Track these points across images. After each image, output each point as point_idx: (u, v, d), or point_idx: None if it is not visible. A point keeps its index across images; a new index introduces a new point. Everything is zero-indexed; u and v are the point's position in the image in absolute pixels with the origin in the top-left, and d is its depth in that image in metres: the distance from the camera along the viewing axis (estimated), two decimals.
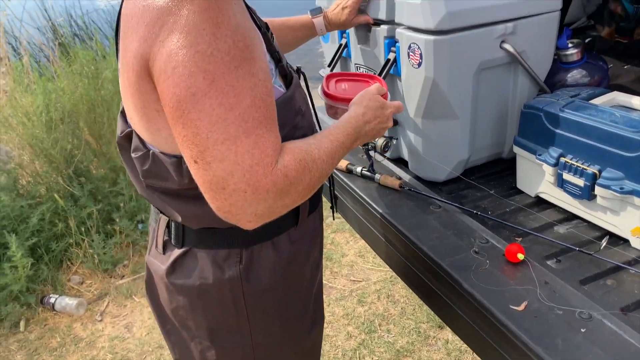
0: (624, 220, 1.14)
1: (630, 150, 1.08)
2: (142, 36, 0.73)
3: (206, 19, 0.69)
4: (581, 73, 1.42)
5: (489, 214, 1.31)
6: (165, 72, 0.71)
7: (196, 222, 0.91)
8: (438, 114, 1.36)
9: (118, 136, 0.91)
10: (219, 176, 0.71)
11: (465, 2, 1.22)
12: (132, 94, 0.79)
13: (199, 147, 0.71)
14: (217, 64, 0.69)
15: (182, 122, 0.71)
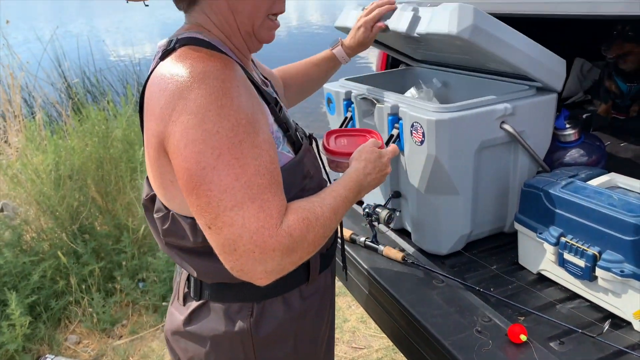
0: (626, 303, 1.14)
1: (629, 234, 1.10)
2: (158, 116, 0.82)
3: (212, 102, 0.79)
4: (579, 152, 1.46)
5: (492, 290, 1.31)
6: (177, 149, 0.79)
7: (210, 278, 0.98)
8: (440, 190, 1.39)
9: (143, 198, 1.00)
10: (230, 239, 0.78)
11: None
12: (152, 165, 0.90)
13: (211, 214, 0.79)
14: (222, 140, 0.78)
15: (195, 193, 0.79)
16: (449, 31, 1.26)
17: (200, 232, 0.88)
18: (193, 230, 0.90)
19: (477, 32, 1.26)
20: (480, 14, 1.27)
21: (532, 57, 1.35)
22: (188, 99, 0.79)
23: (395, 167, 1.52)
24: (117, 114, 3.30)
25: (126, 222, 2.93)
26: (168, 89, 0.81)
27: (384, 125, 1.49)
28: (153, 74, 0.88)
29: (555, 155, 1.48)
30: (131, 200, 2.99)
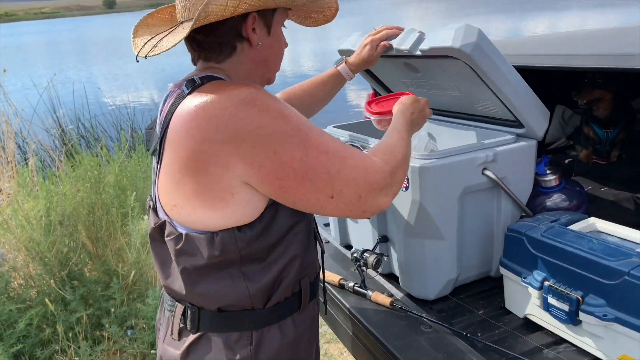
0: (610, 347, 1.15)
1: (610, 278, 1.12)
2: (202, 139, 0.89)
3: (270, 110, 0.91)
4: (560, 197, 1.51)
5: (479, 335, 1.32)
6: (265, 158, 0.89)
7: (215, 301, 0.99)
8: (425, 234, 1.42)
9: (151, 228, 1.03)
10: (353, 193, 0.94)
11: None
12: (176, 187, 0.94)
13: (327, 186, 0.92)
14: (297, 133, 0.91)
15: (307, 181, 0.91)
16: (452, 44, 1.31)
17: (219, 245, 0.93)
18: (210, 244, 0.94)
19: (478, 50, 1.31)
20: (484, 36, 1.33)
21: (522, 94, 1.41)
22: (248, 116, 0.88)
23: (382, 213, 1.55)
24: (110, 160, 3.33)
25: (116, 267, 2.90)
26: (218, 113, 0.89)
27: None
28: (184, 105, 0.93)
29: (537, 200, 1.52)
30: (122, 245, 2.98)
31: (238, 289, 0.98)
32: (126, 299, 2.83)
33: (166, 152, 0.95)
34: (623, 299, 1.10)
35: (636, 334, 1.08)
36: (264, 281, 0.99)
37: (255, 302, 0.99)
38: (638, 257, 1.13)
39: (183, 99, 0.95)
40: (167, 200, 0.97)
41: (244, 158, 0.89)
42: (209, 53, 1.03)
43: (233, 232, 0.93)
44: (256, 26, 1.01)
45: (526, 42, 2.25)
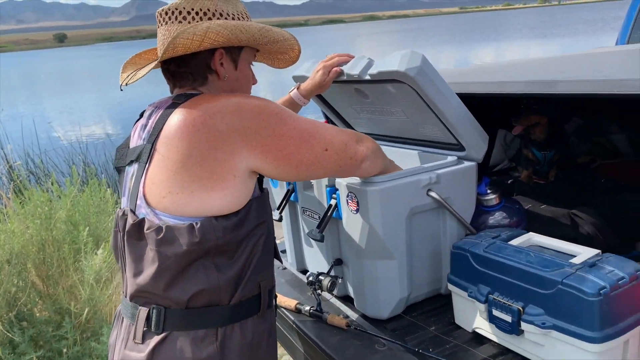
0: (550, 354, 1.22)
1: (546, 288, 1.19)
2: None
3: (267, 106, 1.10)
4: (501, 215, 1.59)
5: (431, 350, 1.36)
6: (274, 136, 1.09)
7: (187, 290, 1.04)
8: (377, 255, 1.47)
9: (130, 224, 1.08)
10: (340, 141, 1.21)
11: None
12: (195, 173, 1.03)
13: (320, 141, 1.15)
14: (287, 115, 1.12)
15: (303, 142, 1.13)
16: (398, 68, 1.40)
17: (198, 233, 1.01)
18: (190, 231, 1.02)
19: (421, 74, 1.40)
20: (427, 62, 1.42)
21: (463, 117, 1.50)
22: (247, 109, 1.06)
23: (335, 235, 1.59)
24: (62, 195, 3.25)
25: (68, 306, 2.81)
26: (221, 109, 1.04)
27: (322, 196, 1.58)
28: (183, 109, 1.06)
29: (480, 219, 1.60)
30: (74, 282, 2.90)
31: (210, 280, 1.05)
32: (79, 339, 2.73)
33: (159, 152, 1.06)
34: (558, 306, 1.18)
35: (572, 339, 1.15)
36: (231, 274, 1.07)
37: (222, 295, 1.07)
38: (571, 267, 1.21)
39: (175, 107, 1.07)
40: (157, 191, 1.05)
41: (249, 142, 1.04)
42: (183, 81, 1.17)
43: (211, 221, 1.03)
44: (224, 61, 1.17)
45: (469, 71, 2.39)
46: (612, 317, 1.14)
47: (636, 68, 1.54)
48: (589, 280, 1.15)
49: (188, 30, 1.05)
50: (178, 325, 1.06)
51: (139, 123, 1.18)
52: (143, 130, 1.15)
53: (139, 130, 1.16)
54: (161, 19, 1.16)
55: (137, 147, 1.13)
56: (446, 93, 1.47)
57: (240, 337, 1.09)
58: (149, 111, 1.18)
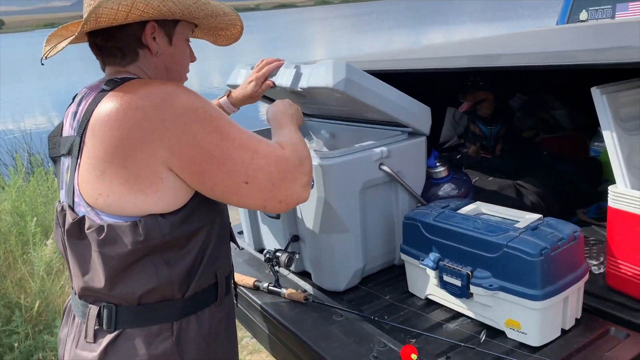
0: (498, 314, 1.29)
1: (492, 251, 1.26)
2: (135, 130, 0.94)
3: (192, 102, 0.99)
4: (450, 187, 1.65)
5: (386, 318, 1.41)
6: (186, 145, 0.96)
7: (137, 289, 1.00)
8: (332, 229, 1.50)
9: (69, 223, 1.02)
10: (266, 179, 1.02)
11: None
12: (120, 174, 0.96)
13: (242, 171, 1.00)
14: (215, 123, 1.00)
15: (222, 163, 0.99)
16: (326, 84, 1.41)
17: (142, 232, 0.96)
18: (134, 230, 0.97)
19: (350, 84, 1.42)
20: (352, 68, 1.43)
21: (400, 105, 1.54)
22: (172, 107, 0.96)
23: (291, 212, 1.61)
24: (6, 186, 3.12)
25: (18, 299, 2.72)
26: (145, 104, 0.95)
27: None
28: (108, 100, 0.98)
29: (430, 191, 1.66)
30: (23, 275, 2.80)
31: (160, 276, 1.01)
32: (31, 332, 2.65)
33: (87, 147, 0.98)
34: (504, 268, 1.24)
35: (517, 299, 1.22)
36: (183, 267, 1.03)
37: (175, 289, 1.03)
38: (515, 231, 1.28)
39: (103, 96, 0.99)
40: (90, 191, 0.99)
41: (168, 145, 0.95)
42: (111, 57, 1.08)
43: (156, 219, 0.98)
44: (157, 35, 1.08)
45: (417, 50, 2.44)
46: (553, 276, 1.21)
47: (571, 42, 1.62)
48: (531, 242, 1.21)
49: (107, 1, 0.94)
50: (130, 322, 1.02)
51: (71, 109, 1.10)
52: (73, 118, 1.07)
53: (70, 118, 1.08)
54: None
55: (69, 138, 1.05)
56: (378, 90, 1.49)
57: (197, 329, 1.06)
58: (81, 96, 1.09)
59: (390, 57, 2.00)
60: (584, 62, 1.23)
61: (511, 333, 1.27)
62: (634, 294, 1.34)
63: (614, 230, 1.35)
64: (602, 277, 1.46)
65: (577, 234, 1.27)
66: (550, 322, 1.23)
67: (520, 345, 1.24)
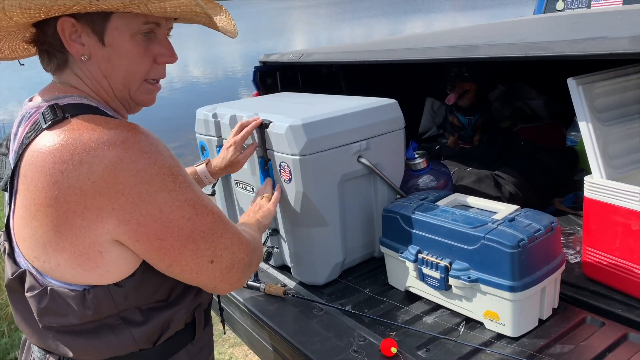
0: (477, 306, 1.29)
1: (470, 244, 1.26)
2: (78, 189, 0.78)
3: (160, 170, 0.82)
4: (429, 178, 1.65)
5: (366, 311, 1.41)
6: (147, 220, 0.82)
7: (96, 354, 0.89)
8: (311, 222, 1.48)
9: (8, 278, 0.89)
10: (230, 259, 0.93)
11: (322, 130, 1.41)
12: (43, 239, 0.82)
13: (209, 249, 0.89)
14: (187, 193, 0.86)
15: (191, 242, 0.86)
16: (292, 153, 1.39)
17: (91, 304, 0.84)
18: (81, 302, 0.84)
19: (310, 143, 1.38)
20: (308, 128, 1.39)
21: (366, 122, 1.50)
22: (130, 167, 0.79)
23: None
24: None
25: None
26: (91, 160, 0.78)
27: (255, 168, 1.57)
28: (45, 141, 0.81)
29: (410, 183, 1.65)
30: None
31: (120, 338, 0.88)
32: (7, 330, 2.60)
33: (20, 191, 0.83)
34: (482, 260, 1.24)
35: (495, 290, 1.23)
36: (150, 324, 0.90)
37: (143, 344, 0.91)
38: (493, 222, 1.28)
39: (40, 131, 0.82)
40: (26, 249, 0.86)
41: (119, 213, 0.80)
42: (44, 63, 0.92)
43: (108, 289, 0.85)
44: (81, 34, 0.86)
45: (396, 40, 2.43)
46: (530, 267, 1.22)
47: (547, 33, 1.62)
48: (508, 233, 1.22)
49: None
50: None
51: (15, 125, 0.92)
52: (14, 139, 0.90)
53: (12, 140, 0.91)
54: None
55: (7, 171, 0.89)
56: (342, 126, 1.45)
57: None
58: (22, 113, 0.91)
59: (369, 48, 1.98)
60: (560, 54, 1.23)
61: (490, 324, 1.28)
62: (609, 282, 1.36)
63: (590, 220, 1.37)
64: (578, 266, 1.48)
65: (554, 224, 1.28)
66: (528, 313, 1.25)
67: (498, 336, 1.25)
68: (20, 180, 0.83)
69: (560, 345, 1.21)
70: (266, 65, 2.26)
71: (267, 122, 1.46)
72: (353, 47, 2.24)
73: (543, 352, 1.18)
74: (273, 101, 1.83)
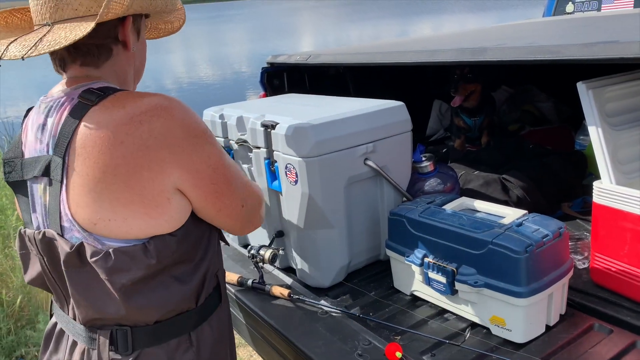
0: (483, 311, 1.28)
1: (477, 248, 1.25)
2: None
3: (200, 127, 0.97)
4: (436, 181, 1.64)
5: (371, 315, 1.40)
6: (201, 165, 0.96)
7: (156, 312, 0.97)
8: (316, 225, 1.48)
9: (66, 253, 0.93)
10: (254, 204, 1.11)
11: (328, 132, 1.40)
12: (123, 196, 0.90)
13: (243, 192, 1.06)
14: (218, 146, 1.01)
15: (232, 185, 1.02)
16: (298, 155, 1.39)
17: (154, 252, 0.92)
18: (144, 253, 0.92)
19: (319, 145, 1.39)
20: (315, 130, 1.39)
21: (375, 125, 1.50)
22: (180, 123, 0.92)
23: (276, 207, 1.59)
24: None
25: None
26: (149, 120, 0.89)
27: (261, 169, 1.57)
28: (100, 115, 0.90)
29: (416, 186, 1.64)
30: (4, 270, 2.76)
31: (175, 294, 0.98)
32: (13, 327, 2.62)
33: (75, 168, 0.90)
34: (489, 265, 1.23)
35: (501, 296, 1.21)
36: (195, 280, 1.01)
37: (190, 302, 1.01)
38: (500, 227, 1.27)
39: (86, 110, 0.90)
40: (86, 216, 0.91)
41: (181, 163, 0.92)
42: (88, 57, 0.98)
43: (164, 238, 0.94)
44: (131, 29, 1.00)
45: (404, 42, 2.42)
46: (537, 273, 1.21)
47: (557, 36, 1.61)
48: (516, 238, 1.21)
49: None
50: (148, 342, 0.98)
51: (33, 122, 0.99)
52: (41, 131, 0.96)
53: (36, 131, 0.97)
54: None
55: (40, 158, 0.95)
56: (352, 129, 1.45)
57: (210, 334, 1.06)
58: (45, 107, 0.97)
59: (377, 50, 1.98)
60: (570, 57, 1.21)
61: (496, 330, 1.26)
62: (617, 289, 1.34)
63: (598, 225, 1.35)
64: (586, 272, 1.46)
65: (562, 230, 1.27)
66: (535, 319, 1.23)
67: (504, 342, 1.24)
68: (77, 154, 0.90)
69: (568, 352, 1.19)
70: (273, 66, 2.26)
71: (274, 124, 1.46)
72: (361, 48, 2.23)
73: (550, 358, 1.17)
74: (280, 102, 1.83)
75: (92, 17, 0.91)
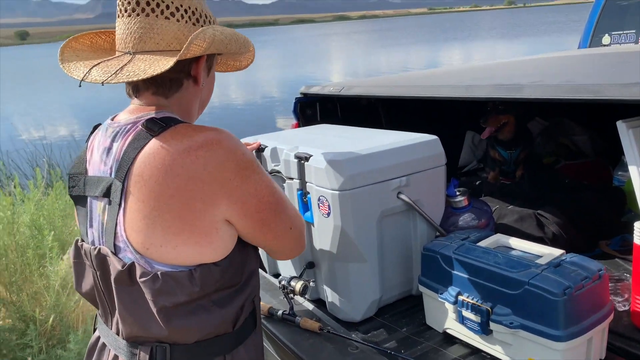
0: (519, 353, 1.25)
1: (513, 288, 1.22)
2: (195, 180, 0.94)
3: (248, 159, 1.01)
4: (470, 217, 1.62)
5: (402, 352, 1.38)
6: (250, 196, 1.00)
7: (196, 333, 1.01)
8: (348, 258, 1.47)
9: (118, 271, 0.98)
10: (300, 225, 1.14)
11: (362, 166, 1.41)
12: (174, 224, 0.95)
13: (289, 217, 1.09)
14: (263, 175, 1.04)
15: (278, 212, 1.06)
16: (331, 187, 1.41)
17: (199, 280, 0.96)
18: (190, 280, 0.96)
19: (353, 179, 1.40)
20: (348, 163, 1.40)
21: (408, 159, 1.51)
22: (231, 157, 0.97)
23: (307, 239, 1.59)
24: (25, 199, 3.16)
25: (33, 313, 2.73)
26: (204, 154, 0.95)
27: (294, 200, 1.58)
28: (159, 145, 0.95)
29: (450, 220, 1.63)
30: (39, 289, 2.82)
31: (215, 318, 1.01)
32: (45, 346, 2.66)
33: (133, 193, 0.95)
34: (525, 306, 1.21)
35: (538, 338, 1.18)
36: (235, 305, 1.04)
37: (228, 326, 1.05)
38: (536, 267, 1.25)
39: (148, 140, 0.96)
40: (140, 240, 0.96)
41: (230, 196, 0.97)
42: (160, 87, 1.04)
43: (209, 267, 0.98)
44: (203, 66, 1.07)
45: (437, 74, 2.43)
46: (576, 316, 1.17)
47: (596, 73, 1.59)
48: (554, 280, 1.18)
49: (200, 34, 0.95)
50: (186, 359, 1.02)
51: (99, 143, 1.05)
52: (106, 154, 1.02)
53: (102, 154, 1.03)
54: (146, 8, 0.98)
55: (102, 180, 1.01)
56: (387, 162, 1.46)
57: (246, 357, 1.08)
58: (112, 130, 1.03)
59: (410, 83, 1.99)
60: (610, 97, 1.20)
61: None
62: None
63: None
64: (626, 315, 1.41)
65: (601, 272, 1.23)
66: None
67: None
68: (134, 180, 0.95)
69: None
70: (307, 96, 2.29)
71: (307, 156, 1.48)
72: (394, 80, 2.25)
73: None
74: (313, 134, 1.85)
75: (171, 52, 0.99)
